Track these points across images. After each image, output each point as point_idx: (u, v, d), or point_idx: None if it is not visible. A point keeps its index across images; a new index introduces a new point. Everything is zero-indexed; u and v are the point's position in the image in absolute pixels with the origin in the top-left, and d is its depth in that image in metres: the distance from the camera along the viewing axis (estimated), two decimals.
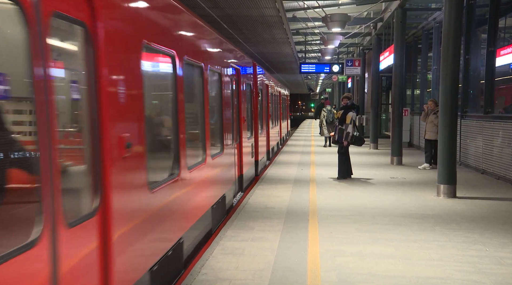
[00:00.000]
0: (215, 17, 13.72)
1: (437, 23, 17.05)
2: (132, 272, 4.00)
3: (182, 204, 5.51)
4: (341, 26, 15.47)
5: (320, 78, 51.05)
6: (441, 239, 6.61)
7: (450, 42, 9.49)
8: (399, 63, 15.23)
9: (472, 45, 14.15)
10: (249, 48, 20.70)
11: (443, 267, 5.50)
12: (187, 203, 5.75)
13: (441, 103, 9.74)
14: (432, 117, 13.25)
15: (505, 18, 12.78)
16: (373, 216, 7.92)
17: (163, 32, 5.06)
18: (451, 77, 9.52)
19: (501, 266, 5.58)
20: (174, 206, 5.19)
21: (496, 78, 12.86)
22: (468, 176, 12.14)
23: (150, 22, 4.67)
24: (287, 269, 5.43)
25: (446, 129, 9.60)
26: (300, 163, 15.31)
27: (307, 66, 24.70)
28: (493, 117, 12.39)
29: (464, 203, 9.03)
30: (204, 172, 6.62)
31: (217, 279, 5.13)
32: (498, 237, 6.76)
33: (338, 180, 11.69)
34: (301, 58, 29.65)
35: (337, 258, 5.81)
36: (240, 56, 10.44)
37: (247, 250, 6.13)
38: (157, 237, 4.64)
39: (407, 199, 9.36)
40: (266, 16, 14.33)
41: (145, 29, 4.47)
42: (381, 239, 6.59)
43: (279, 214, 8.10)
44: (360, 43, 27.18)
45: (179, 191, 5.36)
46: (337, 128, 11.73)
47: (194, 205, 6.09)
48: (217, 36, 7.87)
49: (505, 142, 11.40)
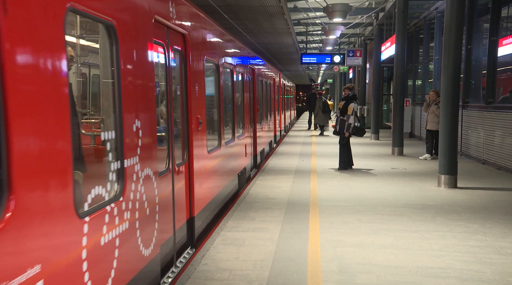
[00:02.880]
0: (215, 7, 13.65)
1: (439, 13, 16.95)
2: (203, 197, 6.59)
3: (224, 165, 8.29)
4: (343, 16, 15.41)
5: (321, 69, 50.94)
6: (441, 229, 6.62)
7: (452, 32, 9.44)
8: (400, 54, 15.16)
9: (474, 35, 14.08)
10: (250, 38, 20.62)
11: (443, 257, 5.51)
12: (225, 166, 8.44)
13: (442, 94, 9.71)
14: (434, 108, 13.22)
15: (508, 7, 12.68)
16: (374, 207, 7.92)
17: (227, 55, 8.65)
18: (452, 67, 9.48)
19: (501, 255, 5.59)
20: (219, 166, 7.87)
21: (498, 68, 12.81)
22: (469, 167, 12.14)
23: (215, 46, 7.66)
24: (287, 259, 5.44)
25: (447, 120, 9.58)
26: (301, 153, 15.31)
27: (308, 57, 24.58)
28: (495, 107, 12.35)
29: (465, 193, 9.03)
30: (234, 148, 9.41)
31: (217, 269, 5.15)
32: (498, 227, 6.76)
33: (339, 170, 11.69)
34: (302, 48, 29.54)
35: (338, 248, 5.82)
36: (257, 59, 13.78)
37: (248, 240, 6.14)
38: (212, 183, 7.33)
39: (408, 190, 9.36)
40: (267, 6, 14.26)
41: (219, 54, 7.89)
42: (381, 230, 6.60)
43: (280, 204, 8.11)
44: (362, 33, 27.08)
45: (221, 157, 8.03)
46: (338, 118, 11.71)
47: (229, 168, 8.80)
48: (249, 51, 11.75)
49: (506, 133, 11.38)
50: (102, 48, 3.93)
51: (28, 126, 2.60)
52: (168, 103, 5.22)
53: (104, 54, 3.84)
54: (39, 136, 2.71)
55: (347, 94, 11.72)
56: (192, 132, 5.94)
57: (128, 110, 3.90)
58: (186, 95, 5.84)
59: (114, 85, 3.76)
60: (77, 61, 4.39)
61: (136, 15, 4.18)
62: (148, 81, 4.36)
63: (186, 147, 5.87)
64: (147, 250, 4.28)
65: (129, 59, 3.94)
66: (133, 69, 4.03)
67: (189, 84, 5.86)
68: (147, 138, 4.28)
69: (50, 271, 2.72)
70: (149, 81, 4.38)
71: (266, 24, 17.47)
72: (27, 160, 2.56)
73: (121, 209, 3.71)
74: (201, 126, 6.35)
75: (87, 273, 3.15)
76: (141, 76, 4.22)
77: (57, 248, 2.83)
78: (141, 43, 4.23)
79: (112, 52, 3.74)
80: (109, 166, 3.72)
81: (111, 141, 3.72)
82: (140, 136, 4.13)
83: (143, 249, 4.18)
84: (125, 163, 3.82)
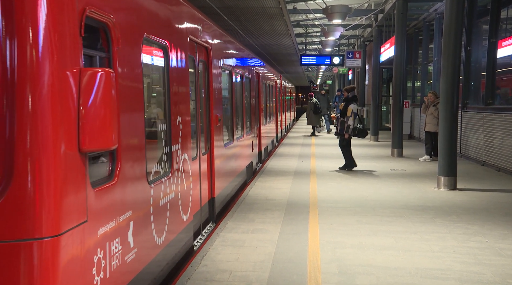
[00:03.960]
0: (215, 9, 13.66)
1: (439, 14, 16.96)
2: (221, 182, 7.74)
3: (236, 157, 9.50)
4: (342, 18, 15.41)
5: (320, 70, 50.92)
6: (441, 231, 6.62)
7: (451, 33, 9.44)
8: (400, 55, 15.17)
9: (474, 36, 14.09)
10: (250, 40, 20.62)
11: (443, 259, 5.51)
12: (237, 158, 9.67)
13: (442, 95, 9.71)
14: (432, 109, 13.22)
15: (507, 9, 12.70)
16: (374, 208, 7.92)
17: (238, 62, 10.01)
18: (452, 69, 9.48)
19: (501, 257, 5.59)
20: (232, 158, 9.10)
21: (497, 69, 12.81)
22: (468, 168, 12.14)
23: (229, 55, 8.93)
24: (287, 260, 5.44)
25: (446, 121, 9.58)
26: (300, 155, 15.31)
27: (308, 58, 24.61)
28: (494, 109, 12.36)
29: (464, 195, 9.03)
30: (243, 143, 10.68)
31: (217, 270, 5.14)
32: (498, 228, 6.76)
33: (342, 170, 11.77)
34: (301, 50, 29.55)
35: (337, 249, 5.82)
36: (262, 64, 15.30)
37: (247, 242, 6.14)
38: (227, 172, 8.47)
39: (407, 191, 9.36)
40: (267, 7, 14.27)
41: (232, 62, 9.20)
42: (381, 231, 6.60)
43: (280, 206, 8.11)
44: (361, 34, 27.09)
45: (233, 150, 9.27)
46: (339, 120, 11.74)
47: (240, 160, 9.98)
48: (254, 57, 13.09)
49: (505, 134, 11.38)
50: (157, 63, 5.09)
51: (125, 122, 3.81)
52: (197, 104, 6.44)
53: (159, 67, 5.07)
54: (131, 133, 3.97)
55: (346, 96, 11.74)
56: (213, 128, 7.19)
57: (174, 109, 5.15)
58: (208, 97, 7.11)
59: (164, 88, 5.06)
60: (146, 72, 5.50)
61: (179, 37, 5.50)
62: (185, 87, 5.66)
63: (208, 139, 7.07)
64: (185, 216, 5.55)
65: (174, 71, 5.23)
66: (177, 77, 5.29)
67: (210, 88, 7.14)
68: (185, 130, 5.57)
69: (136, 215, 4.02)
70: (186, 87, 5.69)
71: (265, 26, 17.47)
72: (126, 145, 3.85)
73: (170, 182, 4.96)
74: (220, 123, 7.68)
75: (153, 224, 4.45)
76: (182, 83, 5.50)
77: (138, 202, 4.12)
78: (181, 58, 5.48)
79: (164, 66, 5.03)
80: (162, 150, 4.94)
81: (165, 132, 4.98)
82: (181, 129, 5.38)
83: (182, 215, 5.46)
84: (172, 148, 5.08)
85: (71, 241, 2.94)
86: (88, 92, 3.03)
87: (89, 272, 3.17)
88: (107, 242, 3.45)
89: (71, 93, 2.97)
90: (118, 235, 3.63)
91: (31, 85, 2.76)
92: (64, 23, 2.95)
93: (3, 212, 2.71)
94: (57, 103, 2.85)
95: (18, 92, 2.73)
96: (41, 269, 2.74)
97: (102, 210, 3.39)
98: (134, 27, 4.16)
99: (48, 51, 2.80)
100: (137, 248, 4.02)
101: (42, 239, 2.74)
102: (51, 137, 2.80)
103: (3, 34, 2.72)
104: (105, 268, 3.39)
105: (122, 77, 3.81)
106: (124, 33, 3.84)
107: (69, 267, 2.92)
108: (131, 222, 3.89)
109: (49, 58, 2.81)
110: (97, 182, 3.36)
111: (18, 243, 2.71)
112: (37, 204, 2.75)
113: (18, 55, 2.74)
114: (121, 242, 3.69)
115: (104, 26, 3.56)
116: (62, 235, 2.84)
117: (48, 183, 2.79)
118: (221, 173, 7.85)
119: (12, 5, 2.72)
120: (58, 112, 2.85)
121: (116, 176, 3.63)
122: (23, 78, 2.75)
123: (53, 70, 2.83)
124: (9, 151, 2.72)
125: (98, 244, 3.31)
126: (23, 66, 2.75)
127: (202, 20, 6.71)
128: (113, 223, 3.55)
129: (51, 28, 2.83)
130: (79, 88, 3.01)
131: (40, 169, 2.77)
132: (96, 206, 3.29)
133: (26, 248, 2.72)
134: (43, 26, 2.78)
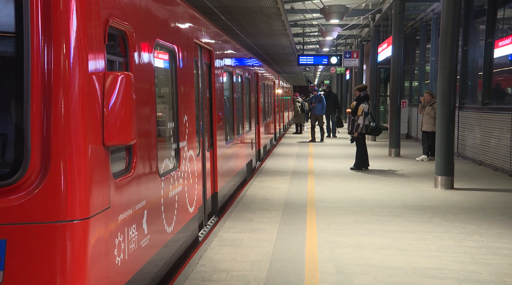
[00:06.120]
0: (212, 9, 13.65)
1: (436, 15, 17.00)
2: (223, 178, 8.14)
3: (236, 155, 9.92)
4: (339, 18, 15.45)
5: (318, 70, 50.97)
6: (438, 230, 6.64)
7: (448, 33, 9.47)
8: (397, 55, 15.20)
9: (471, 36, 14.13)
10: (247, 40, 20.62)
11: (440, 258, 5.53)
12: (238, 155, 10.09)
13: (439, 95, 9.74)
14: (429, 109, 13.25)
15: (504, 9, 12.74)
16: (371, 208, 7.94)
17: (238, 63, 10.42)
18: (449, 69, 9.51)
19: (497, 256, 5.61)
20: (233, 155, 9.48)
21: (494, 69, 12.85)
22: (465, 168, 12.17)
23: (230, 57, 9.28)
24: (285, 260, 5.45)
25: (444, 121, 9.60)
26: (298, 154, 15.32)
27: (305, 58, 24.62)
28: (491, 108, 12.39)
29: (461, 194, 9.06)
30: (243, 141, 11.08)
31: (215, 270, 5.15)
32: (495, 227, 6.78)
33: (353, 170, 11.86)
34: (299, 50, 29.56)
35: (335, 249, 5.84)
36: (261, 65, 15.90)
37: (245, 241, 6.15)
38: (229, 168, 8.90)
39: (404, 191, 9.38)
40: (264, 7, 14.26)
41: (232, 63, 9.56)
42: (378, 231, 6.62)
43: (277, 205, 8.12)
44: (358, 34, 27.13)
45: (234, 148, 9.68)
46: (350, 119, 11.81)
47: (240, 158, 10.41)
48: (253, 58, 13.70)
49: (502, 134, 11.41)
50: (166, 66, 5.35)
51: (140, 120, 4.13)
52: (200, 104, 6.71)
53: (168, 70, 5.37)
54: (145, 130, 4.32)
55: (358, 94, 11.80)
56: (215, 126, 7.56)
57: (181, 108, 5.46)
58: (211, 97, 7.50)
59: (172, 89, 5.35)
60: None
61: (186, 41, 5.81)
62: (191, 88, 6.03)
63: (211, 137, 7.44)
64: (191, 208, 5.91)
65: (181, 73, 5.54)
66: (183, 79, 5.61)
67: (213, 88, 7.53)
68: (191, 128, 5.90)
69: (149, 205, 4.36)
70: (192, 88, 6.06)
71: (263, 26, 17.46)
72: (141, 141, 4.16)
73: (178, 176, 5.31)
74: (222, 121, 8.04)
75: (163, 213, 4.79)
76: (188, 84, 5.82)
77: (151, 193, 4.46)
78: (187, 61, 5.78)
79: (172, 68, 5.33)
80: (171, 147, 5.28)
81: (173, 129, 5.29)
82: (187, 127, 5.69)
83: (189, 207, 5.81)
84: (180, 144, 5.41)
85: (97, 224, 3.32)
86: (111, 93, 3.40)
87: (111, 252, 3.54)
88: (126, 227, 3.81)
89: (97, 94, 3.33)
90: (134, 221, 4.00)
91: (65, 88, 3.12)
92: (92, 32, 3.32)
93: (42, 198, 3.10)
94: (86, 104, 3.21)
95: (54, 94, 3.09)
96: (73, 248, 3.14)
97: (121, 199, 3.76)
98: (148, 34, 4.52)
99: (79, 58, 3.17)
100: (150, 234, 4.38)
101: (74, 221, 3.14)
102: (81, 133, 3.18)
103: (42, 44, 3.07)
104: (124, 250, 3.75)
105: (137, 80, 4.08)
106: (139, 40, 4.20)
107: (96, 246, 3.31)
108: (145, 210, 4.24)
109: (80, 64, 3.18)
110: (117, 174, 3.74)
111: (54, 224, 3.12)
112: (69, 191, 3.14)
113: (54, 62, 3.10)
114: (137, 228, 4.05)
115: (122, 34, 3.93)
116: (90, 218, 3.23)
117: (79, 173, 3.17)
118: (223, 169, 8.23)
119: (50, 18, 3.07)
120: (87, 111, 3.22)
121: (133, 169, 3.99)
122: (58, 82, 3.10)
123: (83, 75, 3.20)
124: (47, 145, 3.10)
125: (119, 229, 3.67)
126: (58, 72, 3.11)
127: (205, 24, 7.09)
128: (130, 210, 3.91)
129: (81, 37, 3.20)
130: (104, 90, 3.38)
131: (72, 161, 3.15)
132: (117, 194, 3.67)
133: (60, 229, 3.13)
134: (74, 36, 3.15)
